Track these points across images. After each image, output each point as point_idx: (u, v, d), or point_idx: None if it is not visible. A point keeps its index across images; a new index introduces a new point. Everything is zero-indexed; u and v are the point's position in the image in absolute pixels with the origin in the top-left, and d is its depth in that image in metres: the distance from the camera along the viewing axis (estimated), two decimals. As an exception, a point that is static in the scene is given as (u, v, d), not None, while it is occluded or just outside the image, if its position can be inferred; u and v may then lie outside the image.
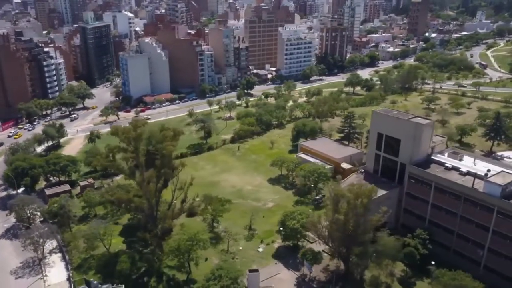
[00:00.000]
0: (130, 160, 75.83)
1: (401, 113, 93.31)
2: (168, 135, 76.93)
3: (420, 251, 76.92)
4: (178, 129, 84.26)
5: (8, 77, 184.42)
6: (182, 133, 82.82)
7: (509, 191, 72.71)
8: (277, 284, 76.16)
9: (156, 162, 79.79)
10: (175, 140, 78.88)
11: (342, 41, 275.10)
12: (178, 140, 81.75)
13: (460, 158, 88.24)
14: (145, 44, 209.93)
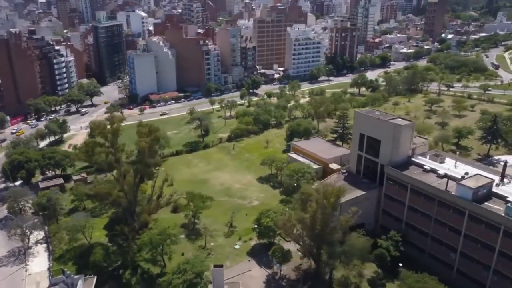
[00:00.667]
0: (108, 155, 77.92)
1: (383, 114, 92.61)
2: (143, 131, 78.60)
3: (392, 253, 76.38)
4: (153, 125, 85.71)
5: (19, 74, 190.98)
6: (157, 130, 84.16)
7: (482, 194, 71.55)
8: (247, 281, 77.04)
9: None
10: (152, 137, 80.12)
11: (352, 42, 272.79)
12: (156, 136, 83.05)
13: (441, 161, 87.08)
14: (152, 43, 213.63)
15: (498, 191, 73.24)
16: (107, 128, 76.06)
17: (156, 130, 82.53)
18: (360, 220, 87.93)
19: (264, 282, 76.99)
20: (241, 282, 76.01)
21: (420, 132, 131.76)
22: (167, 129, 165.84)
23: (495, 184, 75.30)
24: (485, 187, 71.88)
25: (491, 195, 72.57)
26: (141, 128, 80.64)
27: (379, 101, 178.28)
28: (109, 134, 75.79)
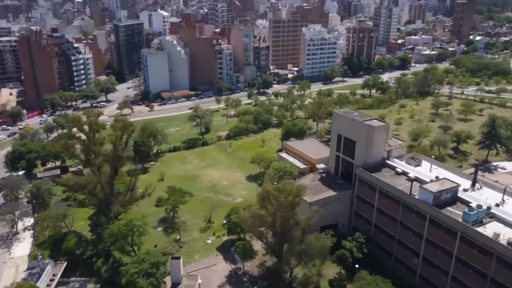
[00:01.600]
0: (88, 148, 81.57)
1: (360, 115, 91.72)
2: (117, 126, 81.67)
3: (354, 255, 75.97)
4: (128, 121, 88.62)
5: (39, 69, 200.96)
6: (132, 125, 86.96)
7: (445, 199, 70.07)
8: (210, 275, 78.75)
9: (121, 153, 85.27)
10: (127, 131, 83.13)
11: (370, 42, 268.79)
12: (131, 131, 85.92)
13: (416, 164, 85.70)
14: (166, 42, 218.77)
15: (464, 196, 71.47)
16: (82, 122, 79.58)
17: (130, 125, 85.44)
18: (333, 221, 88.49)
19: (226, 276, 78.42)
20: (204, 275, 77.81)
21: (417, 135, 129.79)
22: (171, 126, 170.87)
23: (464, 189, 73.58)
24: (448, 191, 70.33)
25: (456, 200, 70.95)
26: (116, 123, 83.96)
27: (385, 103, 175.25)
28: (85, 127, 79.27)
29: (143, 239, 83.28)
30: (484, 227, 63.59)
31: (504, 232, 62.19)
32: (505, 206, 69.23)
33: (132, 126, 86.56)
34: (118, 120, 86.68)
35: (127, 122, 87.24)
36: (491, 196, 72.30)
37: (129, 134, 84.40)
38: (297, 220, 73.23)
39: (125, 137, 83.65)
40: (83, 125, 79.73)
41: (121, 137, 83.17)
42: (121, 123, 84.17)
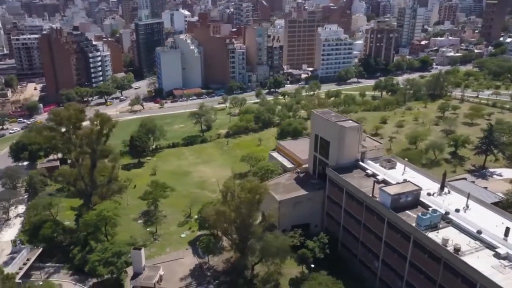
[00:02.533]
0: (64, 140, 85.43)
1: (336, 115, 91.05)
2: (95, 120, 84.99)
3: (316, 255, 75.85)
4: (106, 116, 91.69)
5: (58, 65, 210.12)
6: (109, 120, 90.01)
7: (405, 202, 68.81)
8: (175, 267, 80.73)
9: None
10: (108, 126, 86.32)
11: (389, 43, 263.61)
12: (112, 126, 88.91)
13: (390, 167, 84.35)
14: (179, 41, 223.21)
15: (426, 200, 69.98)
16: (60, 115, 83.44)
17: (108, 120, 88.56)
18: (306, 221, 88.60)
19: (190, 270, 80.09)
20: (170, 267, 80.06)
21: (413, 139, 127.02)
22: (175, 122, 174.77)
23: (429, 193, 72.00)
24: (408, 195, 69.05)
25: (418, 204, 69.58)
26: (94, 118, 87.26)
27: (392, 105, 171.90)
28: (65, 120, 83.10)
29: (117, 229, 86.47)
30: (437, 232, 62.17)
31: (458, 238, 60.72)
32: (467, 212, 67.36)
33: (111, 121, 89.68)
34: (97, 115, 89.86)
35: (106, 117, 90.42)
36: (457, 201, 70.44)
37: (109, 129, 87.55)
38: (257, 217, 73.92)
39: (105, 131, 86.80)
40: (61, 119, 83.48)
41: (101, 131, 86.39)
42: (99, 117, 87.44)
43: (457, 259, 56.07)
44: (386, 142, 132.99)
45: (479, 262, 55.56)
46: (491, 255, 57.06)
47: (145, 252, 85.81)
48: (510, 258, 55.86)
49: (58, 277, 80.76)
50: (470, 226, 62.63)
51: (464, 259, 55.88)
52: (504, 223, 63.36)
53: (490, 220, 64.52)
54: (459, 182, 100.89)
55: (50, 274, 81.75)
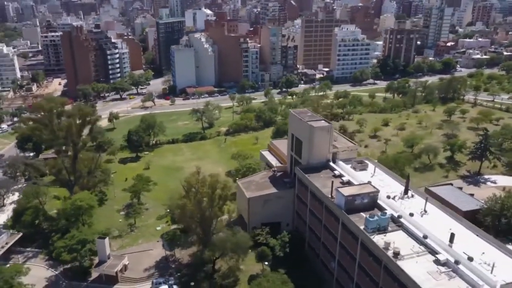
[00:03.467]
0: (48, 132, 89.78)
1: (311, 115, 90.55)
2: (73, 114, 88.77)
3: (276, 253, 76.22)
4: (85, 109, 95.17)
5: (78, 62, 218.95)
6: (90, 114, 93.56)
7: (360, 204, 67.95)
8: (142, 258, 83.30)
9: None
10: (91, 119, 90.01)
11: (409, 44, 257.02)
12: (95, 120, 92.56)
13: (361, 168, 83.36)
14: (194, 39, 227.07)
15: (384, 203, 68.86)
16: (42, 108, 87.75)
17: (86, 114, 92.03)
18: (277, 219, 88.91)
19: (156, 261, 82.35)
20: (137, 258, 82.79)
21: (409, 142, 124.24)
22: (180, 119, 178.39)
23: (388, 196, 70.82)
24: (364, 196, 68.16)
25: (375, 206, 68.57)
26: (73, 111, 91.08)
27: (399, 107, 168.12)
28: (45, 113, 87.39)
29: (100, 219, 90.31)
30: (384, 235, 61.21)
31: (404, 242, 59.61)
32: (424, 217, 65.81)
33: (91, 115, 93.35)
34: (79, 109, 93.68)
35: (88, 110, 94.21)
36: (416, 205, 68.88)
37: (91, 123, 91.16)
38: (216, 212, 75.10)
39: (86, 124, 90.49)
40: (40, 112, 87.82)
41: (83, 124, 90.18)
42: (80, 111, 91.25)
43: (393, 264, 55.10)
44: (381, 145, 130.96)
45: (417, 267, 54.38)
46: (432, 260, 55.66)
47: (119, 243, 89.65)
48: (450, 265, 54.29)
49: (34, 262, 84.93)
50: (419, 230, 61.23)
51: (401, 264, 54.84)
52: (452, 229, 61.48)
53: (443, 226, 62.68)
54: (444, 187, 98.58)
55: (28, 258, 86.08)
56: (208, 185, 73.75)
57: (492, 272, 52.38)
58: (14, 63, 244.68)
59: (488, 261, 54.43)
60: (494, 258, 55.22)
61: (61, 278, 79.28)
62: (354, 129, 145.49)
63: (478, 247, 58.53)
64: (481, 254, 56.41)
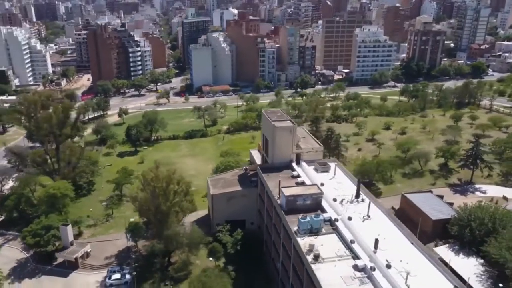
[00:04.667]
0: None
1: (281, 115, 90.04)
2: (55, 106, 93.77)
3: (228, 250, 77.07)
4: (67, 103, 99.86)
5: (101, 58, 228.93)
6: (71, 108, 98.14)
7: (303, 205, 67.52)
8: (106, 246, 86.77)
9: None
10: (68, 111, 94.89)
11: (435, 47, 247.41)
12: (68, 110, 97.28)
13: (323, 170, 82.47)
14: (211, 38, 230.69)
15: (329, 205, 68.01)
16: (27, 100, 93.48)
17: (68, 107, 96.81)
18: (241, 217, 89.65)
19: (119, 251, 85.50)
20: (102, 246, 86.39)
21: (400, 147, 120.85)
22: (187, 116, 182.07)
23: (334, 199, 69.81)
24: (306, 197, 67.69)
25: (318, 208, 67.90)
26: (51, 103, 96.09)
27: (406, 111, 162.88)
28: (31, 105, 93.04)
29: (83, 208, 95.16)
30: (315, 237, 60.63)
31: (332, 245, 58.91)
32: (365, 222, 64.48)
33: (70, 108, 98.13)
34: (62, 103, 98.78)
35: (66, 104, 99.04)
36: (362, 210, 67.47)
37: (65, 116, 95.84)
38: (170, 207, 76.92)
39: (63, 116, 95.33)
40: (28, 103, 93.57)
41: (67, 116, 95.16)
42: (61, 105, 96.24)
43: (309, 266, 54.60)
44: (377, 149, 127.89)
45: (333, 271, 53.61)
46: (351, 265, 54.57)
47: (91, 231, 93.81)
48: (367, 270, 53.03)
49: (12, 244, 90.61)
50: (352, 235, 60.06)
51: (317, 267, 54.28)
52: (389, 235, 59.86)
53: (379, 232, 60.97)
54: (422, 194, 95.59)
55: (8, 241, 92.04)
56: (162, 180, 75.63)
57: (406, 282, 50.73)
58: (46, 59, 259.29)
59: (409, 270, 52.69)
60: (418, 268, 53.51)
61: (30, 260, 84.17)
62: (353, 132, 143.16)
63: (408, 255, 56.72)
64: (406, 263, 54.66)
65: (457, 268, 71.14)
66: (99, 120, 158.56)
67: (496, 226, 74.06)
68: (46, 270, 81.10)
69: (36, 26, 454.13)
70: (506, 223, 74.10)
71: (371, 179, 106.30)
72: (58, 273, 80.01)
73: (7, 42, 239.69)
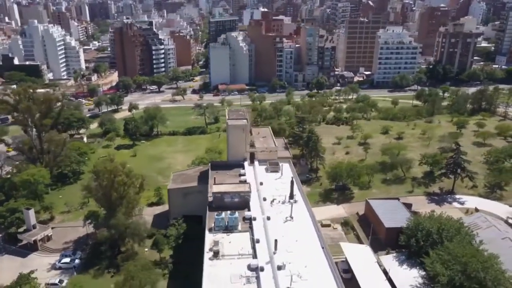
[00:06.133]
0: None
1: (241, 114, 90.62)
2: (37, 97, 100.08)
3: (170, 244, 78.99)
4: (49, 96, 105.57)
5: (126, 55, 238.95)
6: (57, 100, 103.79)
7: (229, 202, 68.46)
8: (69, 232, 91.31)
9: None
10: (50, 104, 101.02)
11: (466, 49, 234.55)
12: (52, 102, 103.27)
13: (273, 170, 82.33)
14: (230, 37, 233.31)
15: (256, 204, 68.10)
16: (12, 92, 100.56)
17: (49, 99, 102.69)
18: (199, 212, 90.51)
19: (78, 237, 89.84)
20: (65, 232, 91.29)
21: (385, 151, 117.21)
22: (193, 114, 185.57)
23: (264, 198, 69.74)
24: (233, 195, 68.31)
25: (246, 206, 68.19)
26: (37, 97, 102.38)
27: (412, 116, 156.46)
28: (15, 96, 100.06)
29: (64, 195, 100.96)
30: (228, 235, 61.15)
31: (241, 243, 59.18)
32: (286, 223, 64.09)
33: (52, 101, 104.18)
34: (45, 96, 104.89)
35: (49, 96, 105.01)
36: (287, 211, 66.87)
37: (47, 107, 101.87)
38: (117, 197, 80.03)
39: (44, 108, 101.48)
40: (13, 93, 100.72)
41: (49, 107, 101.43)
42: (42, 98, 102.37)
43: (204, 262, 55.16)
44: (361, 153, 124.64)
45: (226, 269, 53.97)
46: (247, 264, 54.50)
47: (63, 217, 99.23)
48: (257, 271, 52.77)
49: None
50: (260, 234, 59.85)
51: (210, 263, 54.85)
52: (295, 236, 59.22)
53: (292, 234, 60.50)
54: (387, 201, 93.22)
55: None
56: (110, 172, 78.81)
57: (291, 284, 50.04)
58: (80, 55, 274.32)
59: (301, 273, 51.96)
60: (314, 272, 52.63)
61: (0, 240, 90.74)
62: (347, 135, 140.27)
63: (312, 259, 55.74)
64: (304, 267, 53.85)
65: (395, 279, 68.69)
66: (104, 114, 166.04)
67: (443, 238, 70.43)
68: (11, 250, 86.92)
69: (84, 24, 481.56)
70: (452, 235, 70.26)
71: (344, 183, 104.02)
72: (19, 253, 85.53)
73: (43, 39, 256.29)
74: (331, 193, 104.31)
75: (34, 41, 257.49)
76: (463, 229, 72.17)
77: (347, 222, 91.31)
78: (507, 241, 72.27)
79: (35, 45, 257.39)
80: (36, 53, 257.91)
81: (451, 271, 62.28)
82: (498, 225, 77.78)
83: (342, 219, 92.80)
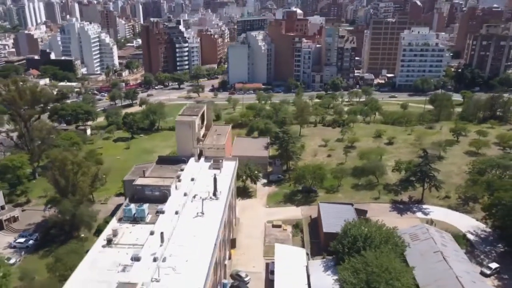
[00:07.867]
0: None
1: (195, 111, 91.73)
2: (24, 89, 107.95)
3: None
4: (33, 88, 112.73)
5: (151, 53, 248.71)
6: (36, 93, 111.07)
7: (151, 195, 70.32)
8: (35, 215, 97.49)
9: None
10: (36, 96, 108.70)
11: (499, 53, 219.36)
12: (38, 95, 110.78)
13: (215, 167, 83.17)
14: (250, 36, 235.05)
15: (176, 198, 69.61)
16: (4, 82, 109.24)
17: (34, 91, 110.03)
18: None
19: (42, 220, 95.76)
20: (34, 215, 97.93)
21: (363, 156, 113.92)
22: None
23: (185, 193, 71.06)
24: (154, 188, 70.29)
25: (165, 200, 69.87)
26: (22, 87, 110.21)
27: (411, 122, 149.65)
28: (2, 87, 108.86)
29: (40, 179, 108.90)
30: (133, 225, 63.08)
31: (140, 235, 60.66)
32: (196, 218, 65.05)
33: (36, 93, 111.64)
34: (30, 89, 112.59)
35: (34, 89, 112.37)
36: (199, 207, 67.58)
37: (34, 99, 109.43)
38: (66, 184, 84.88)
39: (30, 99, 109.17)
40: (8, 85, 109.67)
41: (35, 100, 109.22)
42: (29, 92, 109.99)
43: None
44: (342, 156, 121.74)
45: (108, 257, 55.24)
46: (132, 254, 56.08)
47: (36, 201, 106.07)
48: (134, 260, 54.27)
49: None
50: (161, 227, 61.22)
51: (98, 250, 56.92)
52: (194, 232, 60.22)
53: (196, 229, 61.51)
54: (340, 205, 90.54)
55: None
56: (60, 161, 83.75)
57: (155, 275, 51.09)
58: (113, 51, 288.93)
59: (177, 267, 52.98)
60: (192, 267, 53.35)
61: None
62: (337, 138, 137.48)
63: (198, 255, 56.29)
64: (185, 261, 54.67)
65: (314, 284, 67.60)
66: (111, 108, 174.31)
67: (366, 245, 67.92)
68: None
69: (131, 22, 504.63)
70: (377, 244, 67.54)
71: (310, 186, 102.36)
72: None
73: (79, 36, 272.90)
74: (296, 195, 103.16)
75: (71, 38, 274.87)
76: (392, 239, 69.16)
77: (298, 224, 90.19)
78: (438, 255, 68.20)
79: (71, 42, 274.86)
80: (73, 49, 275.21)
81: (357, 279, 60.32)
82: (439, 238, 73.41)
83: (295, 221, 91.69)
